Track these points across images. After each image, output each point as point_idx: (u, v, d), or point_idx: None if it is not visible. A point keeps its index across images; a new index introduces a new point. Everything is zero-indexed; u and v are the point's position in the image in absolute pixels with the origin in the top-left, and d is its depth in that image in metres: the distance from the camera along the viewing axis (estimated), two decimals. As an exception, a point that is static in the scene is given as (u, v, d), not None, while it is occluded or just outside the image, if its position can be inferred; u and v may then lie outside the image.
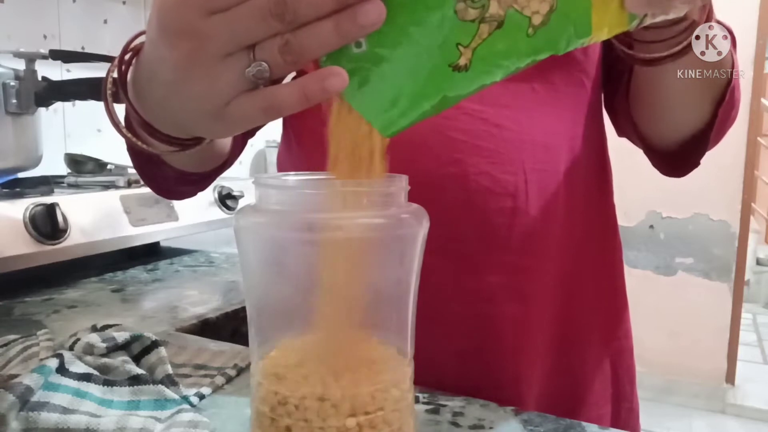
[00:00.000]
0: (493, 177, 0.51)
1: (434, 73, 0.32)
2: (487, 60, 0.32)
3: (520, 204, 0.52)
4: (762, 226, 4.23)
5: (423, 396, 0.49)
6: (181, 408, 0.44)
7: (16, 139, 0.94)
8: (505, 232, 0.52)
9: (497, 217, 0.52)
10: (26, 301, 0.76)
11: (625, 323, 0.63)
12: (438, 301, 0.52)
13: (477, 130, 0.51)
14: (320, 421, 0.34)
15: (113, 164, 1.08)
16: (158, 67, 0.35)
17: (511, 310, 0.53)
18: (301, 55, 0.30)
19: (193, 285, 0.86)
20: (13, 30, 1.13)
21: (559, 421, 0.45)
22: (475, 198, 0.51)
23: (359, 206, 0.34)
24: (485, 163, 0.51)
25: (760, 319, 3.76)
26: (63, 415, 0.41)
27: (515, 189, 0.52)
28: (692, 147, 0.55)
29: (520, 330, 0.54)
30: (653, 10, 0.33)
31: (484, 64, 0.32)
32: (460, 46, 0.31)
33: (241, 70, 0.31)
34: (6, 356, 0.52)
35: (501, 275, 0.52)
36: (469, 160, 0.51)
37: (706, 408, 2.61)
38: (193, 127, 0.36)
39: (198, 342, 0.61)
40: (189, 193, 0.64)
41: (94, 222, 0.85)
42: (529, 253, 0.53)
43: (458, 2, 0.31)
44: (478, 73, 0.33)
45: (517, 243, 0.52)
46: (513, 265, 0.53)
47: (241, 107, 0.32)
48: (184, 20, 0.31)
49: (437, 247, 0.51)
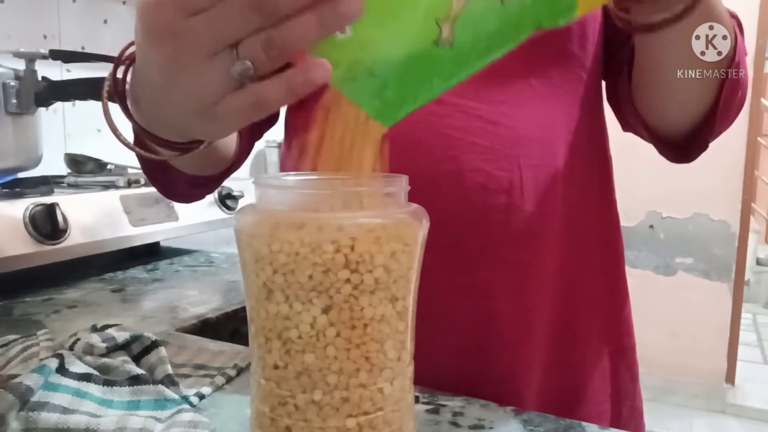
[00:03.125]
0: (488, 173, 0.51)
1: (423, 54, 0.32)
2: (469, 33, 0.32)
3: (515, 200, 0.52)
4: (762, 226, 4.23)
5: (423, 396, 0.49)
6: (181, 408, 0.44)
7: (16, 139, 0.94)
8: (501, 228, 0.52)
9: (492, 214, 0.52)
10: (26, 301, 0.76)
11: (626, 320, 0.63)
12: (436, 297, 0.52)
13: (472, 127, 0.51)
14: (320, 421, 0.34)
15: (113, 164, 1.08)
16: (147, 70, 0.35)
17: (509, 305, 0.53)
18: (285, 50, 0.30)
19: (193, 285, 0.86)
20: (13, 30, 1.13)
21: (559, 421, 0.46)
22: (470, 195, 0.51)
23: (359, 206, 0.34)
24: (480, 160, 0.51)
25: (760, 319, 3.76)
26: (63, 415, 0.41)
27: (510, 185, 0.52)
28: (699, 130, 0.54)
29: (518, 325, 0.54)
30: None
31: (467, 39, 0.32)
32: (440, 21, 0.31)
33: (226, 68, 0.31)
34: (6, 356, 0.53)
35: (498, 271, 0.53)
36: (464, 156, 0.51)
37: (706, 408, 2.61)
38: (187, 128, 0.36)
39: (198, 342, 0.61)
40: (198, 196, 0.65)
41: (94, 222, 0.85)
42: (527, 249, 0.53)
43: None
44: (464, 52, 0.32)
45: (514, 239, 0.52)
46: (510, 261, 0.53)
47: (229, 106, 0.32)
48: (164, 21, 0.31)
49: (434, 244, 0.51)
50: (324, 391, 0.34)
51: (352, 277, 0.32)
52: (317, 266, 0.32)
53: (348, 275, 0.32)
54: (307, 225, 0.32)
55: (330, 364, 0.33)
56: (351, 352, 0.33)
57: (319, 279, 0.32)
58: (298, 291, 0.33)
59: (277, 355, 0.34)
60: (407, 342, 0.36)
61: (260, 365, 0.35)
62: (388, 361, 0.35)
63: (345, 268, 0.32)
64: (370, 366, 0.34)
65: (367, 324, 0.34)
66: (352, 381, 0.34)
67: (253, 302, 0.35)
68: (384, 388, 0.35)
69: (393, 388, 0.35)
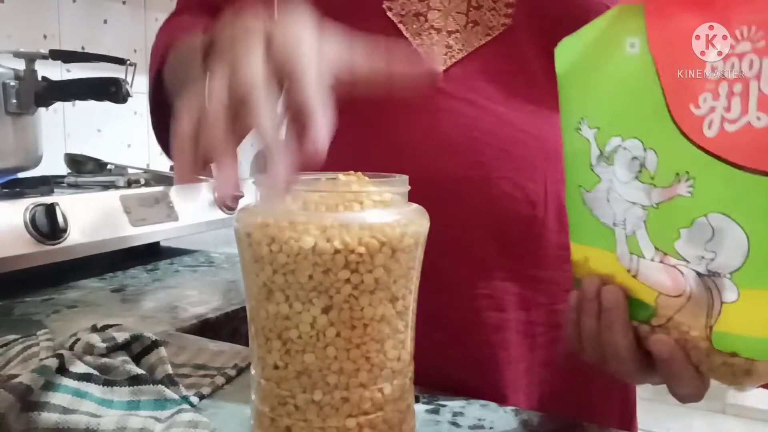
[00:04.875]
0: (516, 183, 0.50)
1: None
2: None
3: (539, 213, 0.51)
4: (762, 226, 4.22)
5: (423, 396, 0.49)
6: (181, 408, 0.44)
7: (16, 139, 0.94)
8: (519, 239, 0.51)
9: (515, 224, 0.51)
10: (26, 301, 0.76)
11: None
12: (450, 305, 0.52)
13: (503, 134, 0.51)
14: (320, 421, 0.34)
15: (113, 164, 1.08)
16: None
17: (519, 318, 0.53)
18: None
19: (193, 285, 0.86)
20: (13, 30, 1.13)
21: (559, 421, 0.46)
22: (495, 202, 0.50)
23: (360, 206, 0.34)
24: (509, 168, 0.50)
25: (760, 319, 3.76)
26: (63, 415, 0.41)
27: (536, 197, 0.51)
28: None
29: (526, 338, 0.53)
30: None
31: None
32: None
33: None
34: (6, 356, 0.52)
35: (510, 282, 0.52)
36: (493, 163, 0.50)
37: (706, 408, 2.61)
38: None
39: (198, 342, 0.61)
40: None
41: (94, 222, 0.85)
42: (542, 264, 0.53)
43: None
44: None
45: (531, 252, 0.52)
46: (523, 274, 0.52)
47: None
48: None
49: (452, 248, 0.51)
50: (324, 391, 0.34)
51: (352, 277, 0.32)
52: (317, 266, 0.32)
53: (348, 275, 0.32)
54: (308, 225, 0.32)
55: (330, 364, 0.33)
56: (351, 352, 0.33)
57: (319, 279, 0.32)
58: (298, 291, 0.33)
59: (277, 355, 0.34)
60: (407, 342, 0.36)
61: (260, 365, 0.35)
62: (388, 361, 0.35)
63: (345, 268, 0.32)
64: (370, 366, 0.34)
65: (367, 324, 0.34)
66: (352, 381, 0.34)
67: (253, 302, 0.35)
68: (384, 388, 0.35)
69: (393, 388, 0.35)
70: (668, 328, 0.36)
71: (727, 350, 0.34)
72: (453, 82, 0.51)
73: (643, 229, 0.36)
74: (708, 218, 0.33)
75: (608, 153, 0.37)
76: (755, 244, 0.32)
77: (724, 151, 0.32)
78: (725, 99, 0.32)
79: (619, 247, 0.38)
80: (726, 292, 0.33)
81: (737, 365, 0.34)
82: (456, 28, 0.51)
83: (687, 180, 0.34)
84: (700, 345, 0.35)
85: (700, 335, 0.35)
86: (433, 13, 0.51)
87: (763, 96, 0.31)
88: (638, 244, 0.36)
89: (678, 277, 0.35)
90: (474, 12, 0.51)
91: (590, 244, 0.40)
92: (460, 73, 0.51)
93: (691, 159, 0.33)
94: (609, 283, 0.38)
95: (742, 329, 0.33)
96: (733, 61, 0.32)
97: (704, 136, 0.33)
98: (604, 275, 0.39)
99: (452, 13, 0.51)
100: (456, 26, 0.51)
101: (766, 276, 0.32)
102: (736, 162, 0.32)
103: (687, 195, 0.34)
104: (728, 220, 0.32)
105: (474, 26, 0.51)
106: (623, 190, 0.37)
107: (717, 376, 0.35)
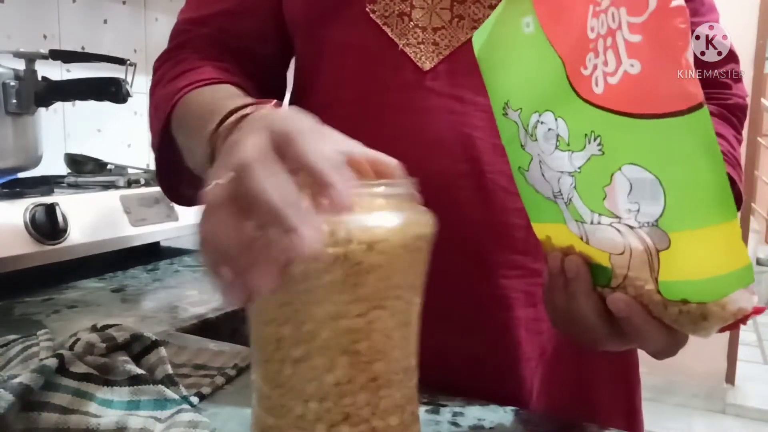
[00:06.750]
0: (510, 176, 0.51)
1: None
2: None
3: None
4: (762, 226, 4.23)
5: (423, 396, 0.49)
6: (181, 408, 0.44)
7: (16, 139, 0.94)
8: (521, 233, 0.51)
9: (514, 218, 0.51)
10: (26, 301, 0.76)
11: None
12: (452, 305, 0.52)
13: (493, 128, 0.51)
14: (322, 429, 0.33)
15: (113, 164, 1.08)
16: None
17: (526, 315, 0.52)
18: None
19: (193, 285, 0.86)
20: (13, 30, 1.13)
21: (559, 421, 0.46)
22: (491, 197, 0.50)
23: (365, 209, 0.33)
24: (502, 162, 0.50)
25: (760, 319, 3.75)
26: (63, 415, 0.41)
27: None
28: None
29: (533, 335, 0.53)
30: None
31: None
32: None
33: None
34: (6, 356, 0.52)
35: (515, 278, 0.52)
36: (486, 158, 0.50)
37: (706, 408, 2.61)
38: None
39: (198, 342, 0.61)
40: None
41: (94, 222, 0.85)
42: (544, 257, 0.53)
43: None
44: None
45: (533, 245, 0.52)
46: (527, 269, 0.52)
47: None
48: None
49: (452, 248, 0.51)
50: (325, 399, 0.33)
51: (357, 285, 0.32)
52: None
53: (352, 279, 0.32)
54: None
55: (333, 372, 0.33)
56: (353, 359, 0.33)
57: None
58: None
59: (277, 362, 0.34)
60: (412, 349, 0.36)
61: (260, 371, 0.35)
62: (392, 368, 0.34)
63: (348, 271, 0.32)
64: (373, 373, 0.33)
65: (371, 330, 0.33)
66: (353, 388, 0.33)
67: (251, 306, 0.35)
68: (387, 395, 0.34)
69: (397, 395, 0.34)
70: (625, 287, 0.36)
71: (678, 298, 0.34)
72: (441, 80, 0.51)
73: (576, 194, 0.37)
74: (622, 171, 0.34)
75: (531, 130, 0.39)
76: (668, 186, 0.32)
77: (613, 103, 0.33)
78: (603, 54, 0.33)
79: (566, 217, 0.39)
80: (658, 240, 0.33)
81: (692, 311, 0.34)
82: (441, 25, 0.51)
83: (595, 139, 0.35)
84: (655, 298, 0.35)
85: (652, 288, 0.35)
86: (417, 12, 0.51)
87: (629, 43, 0.32)
88: (577, 210, 0.37)
89: (615, 236, 0.35)
90: (458, 6, 0.51)
91: (545, 221, 0.41)
92: (447, 69, 0.51)
93: (592, 118, 0.34)
94: (570, 255, 0.39)
95: (683, 274, 0.33)
96: (602, 17, 0.33)
97: (594, 94, 0.34)
98: (565, 248, 0.40)
99: (436, 9, 0.51)
100: (441, 23, 0.51)
101: (688, 215, 0.32)
102: (626, 111, 0.33)
103: (599, 153, 0.34)
104: (639, 169, 0.33)
105: (459, 21, 0.51)
106: (550, 162, 0.38)
107: (680, 326, 0.36)
